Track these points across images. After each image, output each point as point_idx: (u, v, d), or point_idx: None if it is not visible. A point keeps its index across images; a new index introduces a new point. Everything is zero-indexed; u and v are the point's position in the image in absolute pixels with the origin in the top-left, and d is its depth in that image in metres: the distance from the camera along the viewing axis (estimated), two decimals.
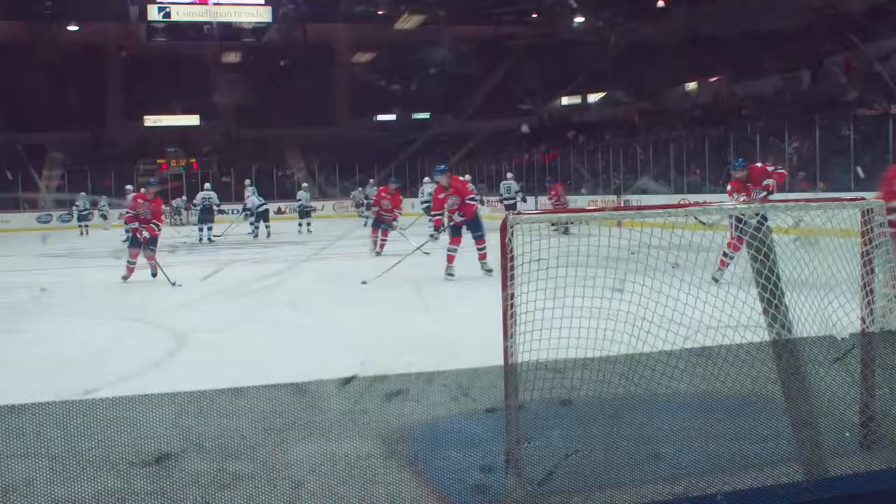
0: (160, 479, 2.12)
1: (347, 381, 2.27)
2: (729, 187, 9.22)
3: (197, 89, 34.74)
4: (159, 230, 10.53)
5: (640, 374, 2.70)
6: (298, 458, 2.30)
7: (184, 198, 28.15)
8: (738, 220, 8.76)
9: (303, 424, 2.30)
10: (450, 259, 9.90)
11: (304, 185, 22.95)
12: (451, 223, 10.12)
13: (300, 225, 21.80)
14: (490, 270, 9.57)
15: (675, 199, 18.34)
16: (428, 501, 2.37)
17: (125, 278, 10.19)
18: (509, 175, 21.61)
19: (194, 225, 20.36)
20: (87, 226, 24.18)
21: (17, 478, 1.96)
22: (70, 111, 31.10)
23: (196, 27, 34.32)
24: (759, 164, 9.54)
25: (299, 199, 22.43)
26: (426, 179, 21.42)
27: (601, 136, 29.83)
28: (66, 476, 2.01)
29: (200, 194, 19.75)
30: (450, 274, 9.80)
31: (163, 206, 11.45)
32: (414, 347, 5.53)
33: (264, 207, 20.21)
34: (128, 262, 10.35)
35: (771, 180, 8.89)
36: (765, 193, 8.77)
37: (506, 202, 20.59)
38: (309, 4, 33.55)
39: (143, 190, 11.73)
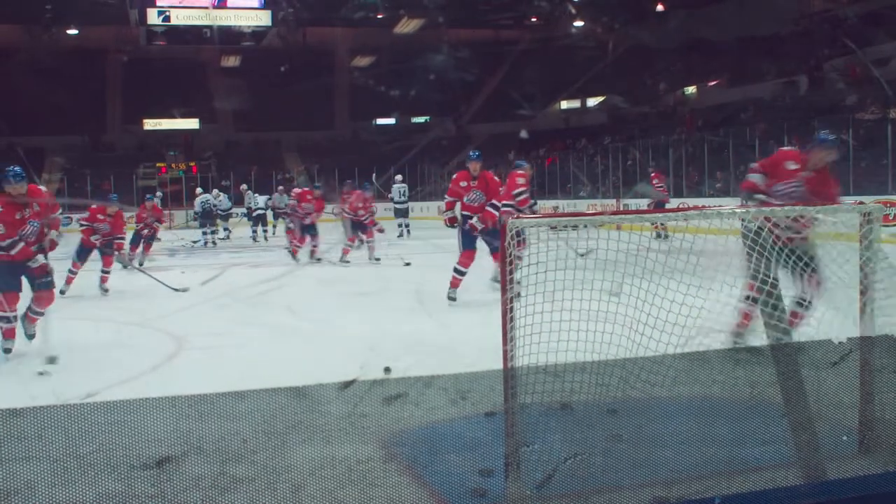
0: (161, 482, 2.13)
1: (347, 384, 2.28)
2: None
3: (196, 93, 34.81)
4: None
5: (639, 378, 2.71)
6: (298, 462, 2.31)
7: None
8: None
9: (303, 428, 2.31)
10: (455, 283, 7.83)
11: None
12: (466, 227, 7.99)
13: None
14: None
15: (673, 203, 18.31)
16: None
17: None
18: (398, 178, 21.31)
19: (195, 228, 20.30)
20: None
21: (19, 481, 1.96)
22: (70, 115, 31.11)
23: (196, 31, 34.34)
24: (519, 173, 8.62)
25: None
26: (398, 177, 21.25)
27: (600, 140, 29.88)
28: (68, 479, 2.01)
29: (199, 198, 19.69)
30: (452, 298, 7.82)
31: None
32: (413, 351, 5.54)
33: (261, 211, 20.21)
34: None
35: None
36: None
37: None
38: (308, 8, 33.59)
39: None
